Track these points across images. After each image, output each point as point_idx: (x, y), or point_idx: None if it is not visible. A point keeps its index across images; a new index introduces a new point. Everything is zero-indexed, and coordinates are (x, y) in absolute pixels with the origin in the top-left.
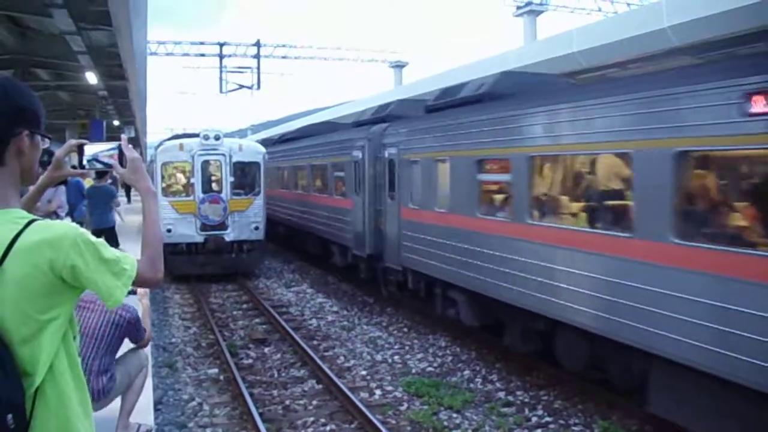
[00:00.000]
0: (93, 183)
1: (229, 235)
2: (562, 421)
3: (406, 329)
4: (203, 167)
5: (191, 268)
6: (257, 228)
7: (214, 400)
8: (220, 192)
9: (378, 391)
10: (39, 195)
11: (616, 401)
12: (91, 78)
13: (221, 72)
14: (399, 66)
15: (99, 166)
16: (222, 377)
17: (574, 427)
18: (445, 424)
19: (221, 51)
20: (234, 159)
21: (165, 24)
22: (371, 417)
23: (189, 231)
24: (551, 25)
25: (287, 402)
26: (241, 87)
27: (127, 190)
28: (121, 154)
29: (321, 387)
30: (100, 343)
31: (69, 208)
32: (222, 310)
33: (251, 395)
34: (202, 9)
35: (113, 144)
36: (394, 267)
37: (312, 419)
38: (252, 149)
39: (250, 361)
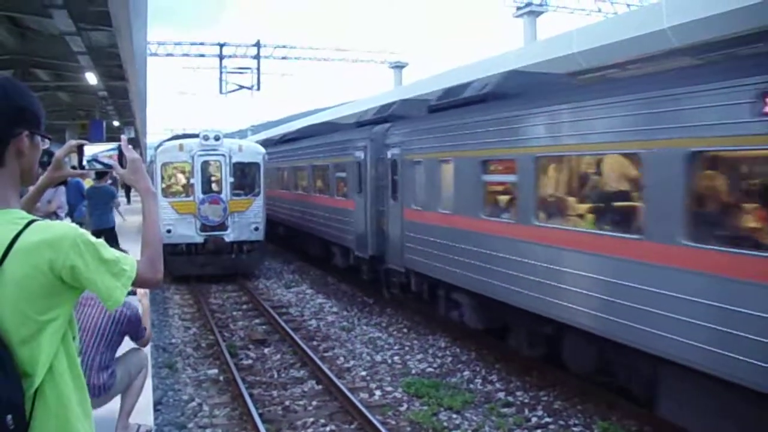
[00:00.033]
0: (93, 183)
1: (229, 236)
2: (561, 422)
3: (405, 330)
4: (203, 168)
5: (191, 268)
6: (257, 228)
7: (213, 400)
8: (219, 192)
9: (378, 392)
10: (39, 195)
11: (616, 401)
12: (91, 78)
13: (221, 72)
14: (399, 66)
15: (99, 166)
16: (222, 378)
17: (573, 428)
18: (445, 424)
19: (221, 51)
20: (234, 159)
21: (165, 24)
22: (371, 417)
23: (189, 231)
24: (551, 26)
25: (287, 402)
26: (241, 87)
27: (127, 190)
28: (121, 154)
29: (321, 387)
30: (100, 339)
31: (69, 208)
32: (222, 310)
33: (251, 396)
34: (202, 9)
35: (113, 144)
36: (396, 269)
37: (312, 420)
38: (252, 150)
39: (249, 362)
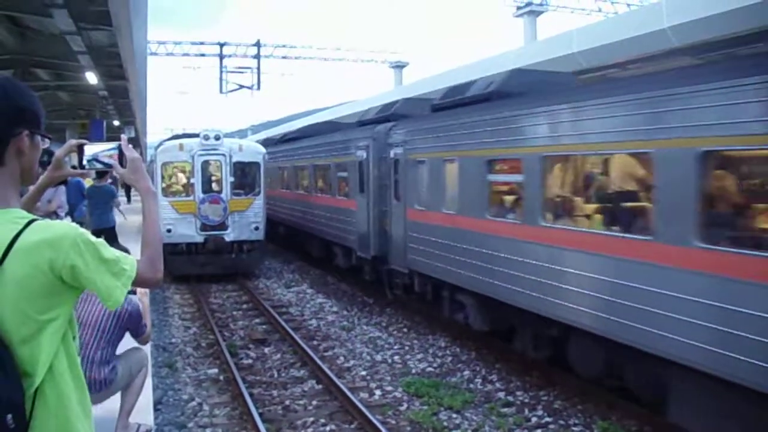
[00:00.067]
0: (93, 183)
1: (229, 236)
2: (561, 422)
3: (405, 329)
4: (203, 167)
5: (191, 268)
6: (257, 228)
7: (213, 400)
8: (220, 192)
9: (378, 392)
10: (39, 195)
11: (615, 401)
12: (91, 78)
13: (221, 72)
14: (399, 66)
15: (99, 166)
16: (222, 377)
17: (573, 428)
18: (445, 424)
19: (221, 51)
20: (234, 159)
21: (165, 24)
22: (371, 417)
23: (189, 231)
24: (551, 26)
25: (287, 402)
26: (241, 87)
27: (127, 190)
28: (121, 154)
29: (321, 387)
30: (101, 334)
31: (69, 208)
32: (222, 310)
33: (251, 395)
34: (202, 9)
35: (113, 144)
36: (400, 269)
37: (312, 419)
38: (252, 149)
39: (249, 362)
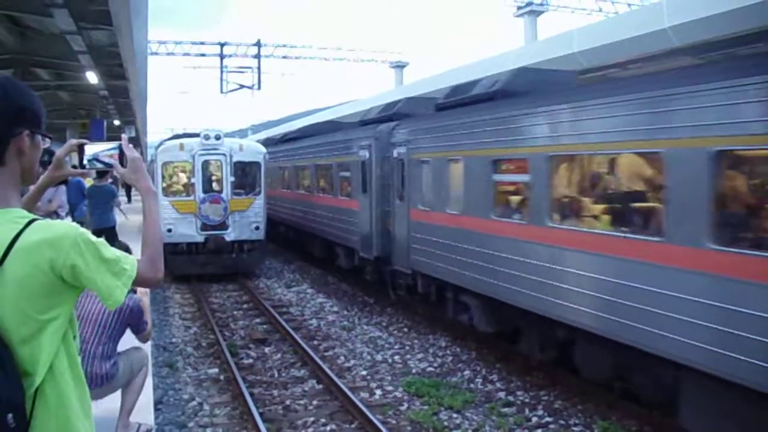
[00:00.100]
0: (94, 183)
1: (230, 235)
2: (562, 422)
3: (406, 329)
4: (204, 167)
5: (192, 267)
6: (258, 228)
7: (214, 399)
8: (220, 192)
9: (378, 391)
10: (39, 195)
11: (616, 402)
12: (92, 78)
13: (222, 72)
14: (399, 66)
15: (99, 165)
16: (222, 377)
17: (574, 428)
18: (446, 424)
19: (222, 51)
20: (234, 159)
21: (166, 24)
22: (371, 417)
23: (189, 231)
24: (552, 26)
25: (287, 402)
26: (242, 87)
27: (128, 189)
28: (122, 153)
29: (321, 387)
30: (102, 329)
31: (69, 207)
32: (222, 310)
33: (251, 395)
34: (202, 9)
35: (114, 144)
36: (403, 270)
37: (312, 419)
38: (252, 149)
39: (250, 361)
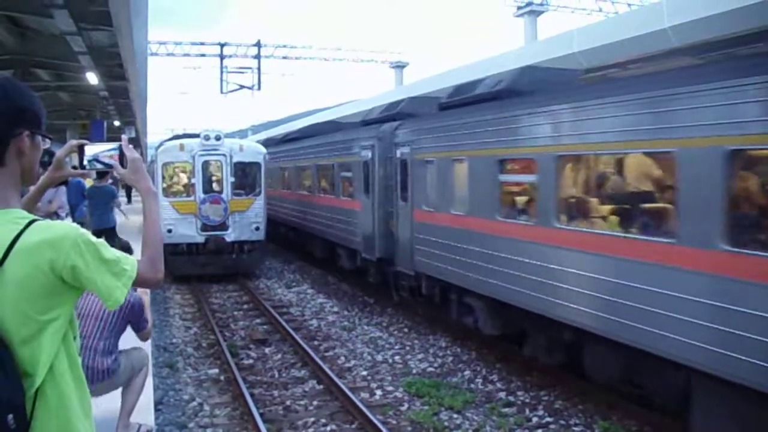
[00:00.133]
0: (94, 183)
1: (230, 236)
2: (562, 422)
3: (406, 330)
4: (204, 167)
5: (192, 268)
6: (258, 228)
7: (214, 400)
8: (220, 192)
9: (378, 392)
10: (39, 195)
11: (616, 402)
12: (92, 78)
13: (222, 72)
14: (399, 66)
15: (99, 166)
16: (222, 377)
17: (574, 428)
18: (446, 424)
19: (222, 51)
20: (235, 159)
21: (165, 24)
22: (372, 417)
23: (190, 231)
24: (552, 26)
25: (288, 402)
26: (242, 87)
27: (128, 190)
28: (122, 154)
29: (322, 387)
30: (104, 324)
31: (70, 208)
32: (222, 310)
33: (252, 395)
34: (202, 9)
35: (114, 144)
36: (406, 272)
37: (312, 419)
38: (253, 149)
39: (250, 362)
